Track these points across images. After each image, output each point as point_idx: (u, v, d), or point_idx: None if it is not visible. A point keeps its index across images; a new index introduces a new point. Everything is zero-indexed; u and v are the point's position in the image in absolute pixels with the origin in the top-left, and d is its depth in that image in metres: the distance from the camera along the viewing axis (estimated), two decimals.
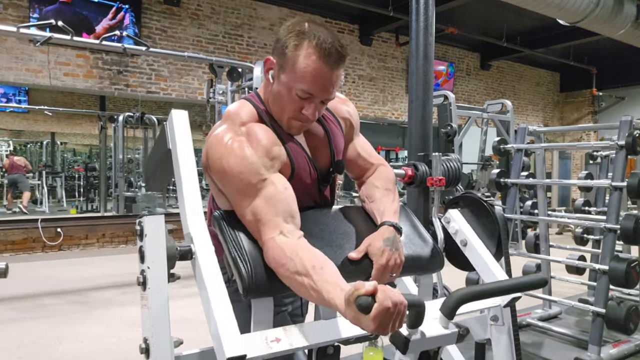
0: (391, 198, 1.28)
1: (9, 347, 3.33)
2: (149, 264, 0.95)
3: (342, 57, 1.12)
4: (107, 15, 7.36)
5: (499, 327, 1.29)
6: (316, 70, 1.10)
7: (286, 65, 1.12)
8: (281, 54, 1.13)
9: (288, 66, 1.12)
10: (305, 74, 1.10)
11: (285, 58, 1.12)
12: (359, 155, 1.37)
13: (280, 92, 1.15)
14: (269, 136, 1.14)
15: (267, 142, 1.13)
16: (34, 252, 6.67)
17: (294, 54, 1.11)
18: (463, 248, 1.31)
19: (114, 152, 8.78)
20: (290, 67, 1.12)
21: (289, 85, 1.13)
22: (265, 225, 1.05)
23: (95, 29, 7.24)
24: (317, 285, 0.95)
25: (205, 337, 0.97)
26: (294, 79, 1.12)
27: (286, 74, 1.13)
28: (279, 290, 1.04)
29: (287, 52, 1.12)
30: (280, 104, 1.16)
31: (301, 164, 1.19)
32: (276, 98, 1.17)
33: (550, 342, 3.36)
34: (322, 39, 1.10)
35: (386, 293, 0.85)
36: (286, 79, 1.13)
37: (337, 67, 1.12)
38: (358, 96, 9.86)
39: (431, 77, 2.93)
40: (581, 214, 4.00)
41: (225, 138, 1.12)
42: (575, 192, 11.66)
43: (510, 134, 5.77)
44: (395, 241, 1.16)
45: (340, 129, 1.32)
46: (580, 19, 6.32)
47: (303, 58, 1.10)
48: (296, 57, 1.11)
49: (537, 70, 13.24)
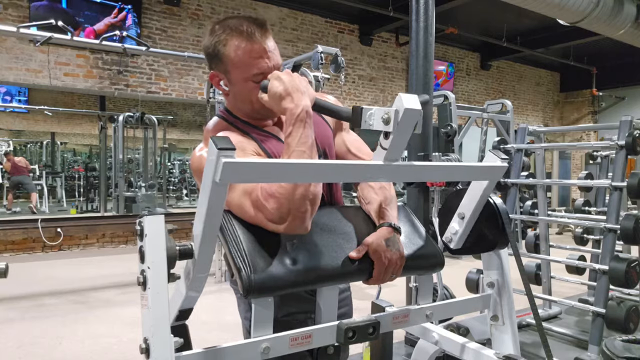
0: (386, 197, 1.27)
1: (9, 347, 3.33)
2: (149, 264, 0.95)
3: (262, 27, 1.19)
4: (110, 15, 7.36)
5: (499, 327, 1.29)
6: (251, 51, 1.16)
7: (227, 65, 1.19)
8: (219, 61, 1.20)
9: (229, 65, 1.18)
10: (245, 60, 1.16)
11: (223, 61, 1.19)
12: (348, 151, 1.35)
13: (238, 90, 1.21)
14: (237, 137, 1.18)
15: (236, 139, 1.14)
16: (34, 252, 6.67)
17: (226, 54, 1.18)
18: (460, 221, 1.28)
19: (114, 152, 8.78)
20: (232, 65, 1.18)
21: (240, 79, 1.19)
22: (249, 196, 1.05)
23: (95, 27, 7.22)
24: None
25: (206, 337, 0.97)
26: (240, 71, 1.18)
27: (232, 72, 1.19)
28: (279, 290, 1.04)
29: (221, 57, 1.19)
30: (245, 99, 1.21)
31: (280, 152, 1.20)
32: (239, 98, 1.23)
33: (550, 342, 3.34)
34: (236, 26, 1.17)
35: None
36: (235, 75, 1.19)
37: (265, 37, 1.18)
38: (358, 96, 9.86)
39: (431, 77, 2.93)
40: (581, 214, 4.00)
41: (201, 151, 1.18)
42: (575, 192, 11.67)
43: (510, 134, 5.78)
44: (396, 241, 1.16)
45: (323, 119, 1.32)
46: (580, 19, 6.32)
47: (234, 50, 1.17)
48: (230, 54, 1.17)
49: (537, 70, 13.25)
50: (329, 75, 4.89)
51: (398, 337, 3.28)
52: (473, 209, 1.21)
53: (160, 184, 9.76)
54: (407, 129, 0.93)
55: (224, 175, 0.78)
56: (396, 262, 1.14)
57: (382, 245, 1.13)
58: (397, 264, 1.14)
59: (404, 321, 1.18)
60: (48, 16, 4.80)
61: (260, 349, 0.99)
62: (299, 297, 1.24)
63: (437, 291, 3.19)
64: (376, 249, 1.13)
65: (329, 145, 1.31)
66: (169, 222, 1.01)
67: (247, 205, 1.05)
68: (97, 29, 7.25)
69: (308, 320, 1.23)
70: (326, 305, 1.14)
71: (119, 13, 7.40)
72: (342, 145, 1.35)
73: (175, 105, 12.86)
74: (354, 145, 1.36)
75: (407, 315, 1.18)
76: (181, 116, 14.01)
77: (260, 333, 1.04)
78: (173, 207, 10.05)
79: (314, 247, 1.09)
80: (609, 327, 2.91)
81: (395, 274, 1.16)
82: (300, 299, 1.24)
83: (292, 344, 1.02)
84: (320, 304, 1.14)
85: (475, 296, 1.31)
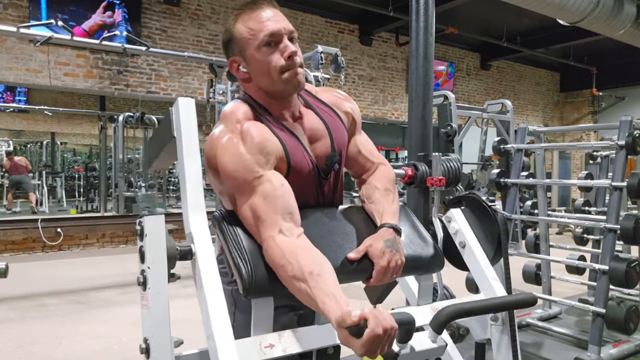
0: (390, 199, 1.27)
1: (9, 347, 3.33)
2: (149, 264, 0.95)
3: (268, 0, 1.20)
4: (97, 10, 7.25)
5: (498, 327, 1.29)
6: (258, 17, 1.17)
7: (241, 42, 1.19)
8: (233, 44, 1.21)
9: (242, 41, 1.18)
10: (254, 27, 1.16)
11: (236, 41, 1.20)
12: (359, 153, 1.35)
13: (256, 63, 1.19)
14: (262, 132, 1.14)
15: (261, 138, 1.12)
16: (34, 252, 6.67)
17: (236, 30, 1.19)
18: (461, 250, 1.31)
19: (114, 152, 8.77)
20: (243, 40, 1.18)
21: (254, 48, 1.17)
22: (263, 223, 1.05)
23: (84, 27, 7.14)
24: (313, 292, 0.96)
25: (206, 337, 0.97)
26: (252, 41, 1.17)
27: (245, 47, 1.18)
28: (279, 290, 1.04)
29: (233, 37, 1.20)
30: (263, 70, 1.18)
31: (298, 157, 1.18)
32: (258, 72, 1.20)
33: (550, 342, 3.36)
34: (242, 6, 1.20)
35: (378, 319, 0.87)
36: (249, 49, 1.18)
37: (270, 6, 1.19)
38: (358, 96, 9.86)
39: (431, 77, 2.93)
40: (581, 214, 4.00)
41: (221, 138, 1.13)
42: (575, 192, 11.66)
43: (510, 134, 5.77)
44: (396, 242, 1.16)
45: (342, 122, 1.31)
46: (580, 19, 6.32)
47: (242, 23, 1.18)
48: (239, 29, 1.18)
49: (537, 70, 13.24)
50: (329, 75, 4.89)
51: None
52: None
53: (160, 184, 9.76)
54: None
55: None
56: (396, 263, 1.14)
57: (382, 247, 1.13)
58: (397, 265, 1.14)
59: None
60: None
61: (260, 348, 0.99)
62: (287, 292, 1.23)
63: (437, 291, 3.18)
64: (376, 250, 1.13)
65: (343, 143, 1.30)
66: (169, 222, 1.01)
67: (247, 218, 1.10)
68: (88, 27, 7.18)
69: (293, 314, 1.24)
70: None
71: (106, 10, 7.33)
72: (354, 147, 1.35)
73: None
74: (365, 148, 1.37)
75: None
76: None
77: (260, 332, 1.04)
78: (173, 207, 10.04)
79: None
80: (609, 327, 2.91)
81: (395, 275, 1.16)
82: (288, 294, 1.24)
83: (292, 343, 1.02)
84: None
85: (475, 296, 1.31)
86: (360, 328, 0.86)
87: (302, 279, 0.97)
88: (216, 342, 0.91)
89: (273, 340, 1.01)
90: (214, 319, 0.94)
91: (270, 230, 1.04)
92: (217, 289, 0.97)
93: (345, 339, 0.88)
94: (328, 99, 1.33)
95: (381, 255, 1.12)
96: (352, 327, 0.86)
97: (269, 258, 1.03)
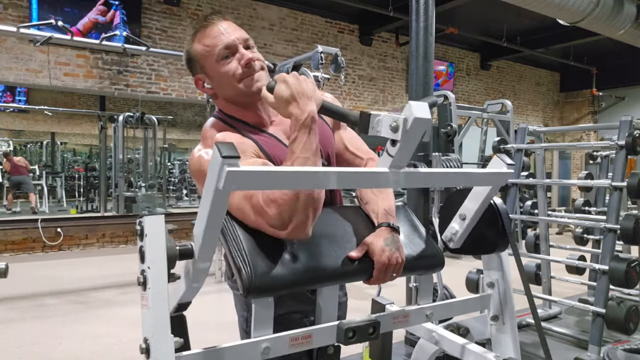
0: (383, 196, 1.26)
1: (9, 347, 3.33)
2: (149, 264, 0.95)
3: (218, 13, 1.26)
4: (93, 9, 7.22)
5: (499, 327, 1.29)
6: (211, 33, 1.22)
7: (200, 59, 1.24)
8: (195, 62, 1.26)
9: (201, 58, 1.23)
10: (209, 43, 1.21)
11: (196, 58, 1.25)
12: (346, 149, 1.34)
13: (218, 76, 1.23)
14: (235, 137, 1.18)
15: (235, 142, 1.12)
16: (34, 252, 6.68)
17: (195, 49, 1.24)
18: (461, 222, 1.28)
19: (114, 152, 8.77)
20: (202, 56, 1.23)
21: (212, 63, 1.22)
22: (252, 196, 1.04)
23: (78, 26, 7.08)
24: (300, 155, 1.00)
25: (206, 337, 0.97)
26: (209, 55, 1.21)
27: (205, 64, 1.23)
28: (279, 290, 1.04)
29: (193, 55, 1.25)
30: (224, 82, 1.23)
31: (280, 156, 1.18)
32: (220, 85, 1.24)
33: (550, 342, 3.35)
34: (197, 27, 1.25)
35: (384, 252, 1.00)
36: (209, 65, 1.23)
37: (221, 20, 1.24)
38: (358, 96, 9.86)
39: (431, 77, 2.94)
40: (581, 214, 4.00)
41: (200, 154, 1.17)
42: (575, 192, 11.66)
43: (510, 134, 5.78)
44: (395, 241, 1.16)
45: (325, 122, 1.31)
46: (580, 19, 6.32)
47: (199, 41, 1.23)
48: (197, 48, 1.24)
49: (537, 70, 13.24)
50: (329, 75, 4.89)
51: (398, 337, 3.28)
52: (475, 211, 1.21)
53: (160, 184, 9.75)
54: (415, 137, 0.92)
55: (227, 183, 0.78)
56: (396, 262, 1.14)
57: (381, 245, 1.13)
58: (397, 263, 1.14)
59: (404, 321, 1.18)
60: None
61: (260, 349, 0.99)
62: (296, 296, 1.23)
63: (437, 291, 3.19)
64: (376, 248, 1.13)
65: (331, 147, 1.30)
66: (169, 222, 1.01)
67: (247, 209, 1.04)
68: (82, 27, 7.16)
69: (305, 320, 1.23)
70: (326, 305, 1.14)
71: (108, 11, 7.32)
72: (340, 143, 1.34)
73: (175, 105, 12.85)
74: (352, 144, 1.35)
75: (407, 315, 1.18)
76: (181, 116, 14.00)
77: (260, 333, 1.04)
78: (173, 207, 10.05)
79: (314, 247, 1.09)
80: (609, 327, 2.91)
81: (395, 274, 1.16)
82: (298, 298, 1.24)
83: (292, 344, 1.02)
84: (320, 304, 1.14)
85: (475, 296, 1.31)
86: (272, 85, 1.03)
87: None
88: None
89: (273, 341, 1.00)
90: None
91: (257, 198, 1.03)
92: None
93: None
94: None
95: (381, 254, 1.12)
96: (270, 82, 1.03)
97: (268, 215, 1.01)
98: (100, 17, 7.31)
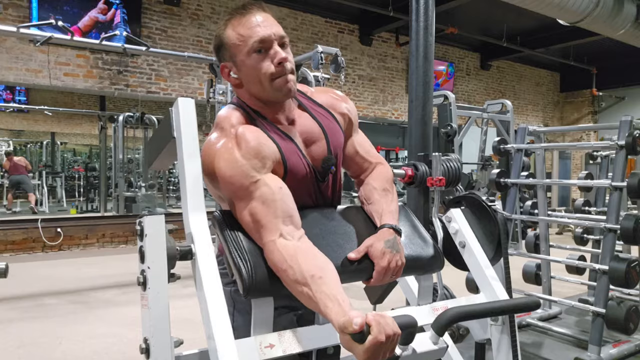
0: (389, 199, 1.27)
1: (9, 347, 3.33)
2: (149, 264, 0.95)
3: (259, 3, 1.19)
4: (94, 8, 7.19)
5: (498, 327, 1.29)
6: (248, 23, 1.15)
7: (231, 48, 1.18)
8: (224, 50, 1.20)
9: (232, 47, 1.17)
10: (243, 33, 1.15)
11: (226, 46, 1.19)
12: (356, 153, 1.35)
13: (247, 70, 1.17)
14: (257, 136, 1.13)
15: (256, 142, 1.11)
16: (34, 252, 6.67)
17: (227, 36, 1.18)
18: (461, 250, 1.31)
19: (114, 152, 8.77)
20: (234, 45, 1.17)
21: (244, 54, 1.16)
22: (263, 228, 1.05)
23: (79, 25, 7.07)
24: (315, 296, 0.95)
25: (204, 337, 0.97)
26: (242, 46, 1.16)
27: (236, 53, 1.17)
28: (279, 290, 1.04)
29: (224, 43, 1.19)
30: (254, 77, 1.17)
31: (294, 161, 1.17)
32: (248, 79, 1.18)
33: (550, 342, 3.36)
34: (232, 12, 1.19)
35: (381, 325, 0.86)
36: (239, 55, 1.17)
37: (260, 10, 1.18)
38: (358, 96, 9.86)
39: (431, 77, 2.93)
40: (581, 214, 4.00)
41: (216, 144, 1.12)
42: (575, 192, 11.66)
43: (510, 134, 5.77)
44: (396, 243, 1.16)
45: (338, 124, 1.30)
46: (580, 19, 6.32)
47: (232, 29, 1.17)
48: (229, 35, 1.17)
49: (537, 70, 13.24)
50: (329, 75, 4.88)
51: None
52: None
53: (160, 184, 9.75)
54: None
55: None
56: (396, 264, 1.14)
57: (382, 247, 1.13)
58: (397, 265, 1.14)
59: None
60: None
61: (260, 348, 0.99)
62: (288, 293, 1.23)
63: (437, 291, 3.18)
64: (376, 250, 1.13)
65: (339, 146, 1.29)
66: (169, 222, 1.01)
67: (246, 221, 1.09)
68: (82, 25, 7.15)
69: (292, 315, 1.24)
70: None
71: (108, 9, 7.32)
72: (351, 147, 1.34)
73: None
74: (362, 148, 1.36)
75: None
76: None
77: (260, 332, 1.04)
78: (173, 207, 10.04)
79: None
80: (609, 327, 2.91)
81: (395, 276, 1.16)
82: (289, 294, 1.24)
83: (292, 343, 1.02)
84: None
85: (475, 296, 1.31)
86: (363, 334, 0.85)
87: (304, 282, 0.97)
88: (216, 342, 0.91)
89: (273, 341, 1.01)
90: (214, 319, 0.93)
91: (271, 235, 1.03)
92: (218, 289, 0.97)
93: (347, 344, 0.88)
94: (324, 100, 1.31)
95: (381, 256, 1.12)
96: (354, 333, 0.85)
97: (271, 263, 1.03)
98: (101, 15, 7.30)
